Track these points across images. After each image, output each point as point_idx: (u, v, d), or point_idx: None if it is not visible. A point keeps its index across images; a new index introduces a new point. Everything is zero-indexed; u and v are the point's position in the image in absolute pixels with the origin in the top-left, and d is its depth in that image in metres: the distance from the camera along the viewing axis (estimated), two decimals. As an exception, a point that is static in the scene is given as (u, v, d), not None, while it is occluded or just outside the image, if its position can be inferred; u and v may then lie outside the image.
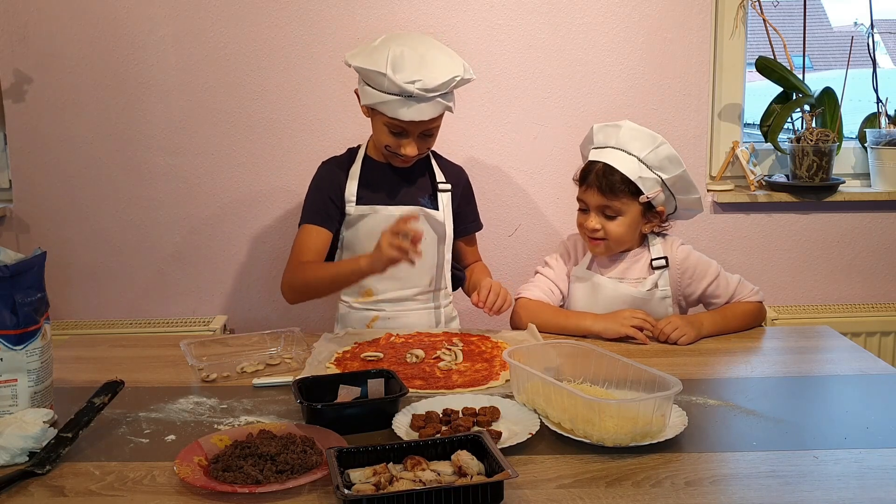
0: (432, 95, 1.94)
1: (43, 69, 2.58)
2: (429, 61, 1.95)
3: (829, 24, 3.27)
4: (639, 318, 1.90)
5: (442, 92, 1.95)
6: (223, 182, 2.66)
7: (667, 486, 1.22)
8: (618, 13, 2.61)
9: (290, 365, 1.75)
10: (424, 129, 2.01)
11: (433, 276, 2.13)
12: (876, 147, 2.73)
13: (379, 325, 2.10)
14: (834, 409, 1.56)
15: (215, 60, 2.60)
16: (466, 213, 2.23)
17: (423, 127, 2.00)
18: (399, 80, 1.90)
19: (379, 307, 2.11)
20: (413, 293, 2.12)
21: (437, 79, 1.93)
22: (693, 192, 1.99)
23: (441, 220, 2.11)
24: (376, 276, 1.97)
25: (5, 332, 1.39)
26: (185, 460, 1.27)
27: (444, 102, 1.98)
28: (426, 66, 1.93)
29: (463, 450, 1.23)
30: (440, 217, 2.11)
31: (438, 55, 1.99)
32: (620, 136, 1.96)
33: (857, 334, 2.66)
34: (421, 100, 1.93)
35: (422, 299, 2.13)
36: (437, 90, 1.93)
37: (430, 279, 2.13)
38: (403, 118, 1.95)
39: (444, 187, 2.15)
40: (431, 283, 2.14)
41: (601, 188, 1.95)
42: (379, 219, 2.08)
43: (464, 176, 2.24)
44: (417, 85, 1.91)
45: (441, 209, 2.12)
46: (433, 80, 1.92)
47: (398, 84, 1.91)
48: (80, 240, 2.68)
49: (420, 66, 1.93)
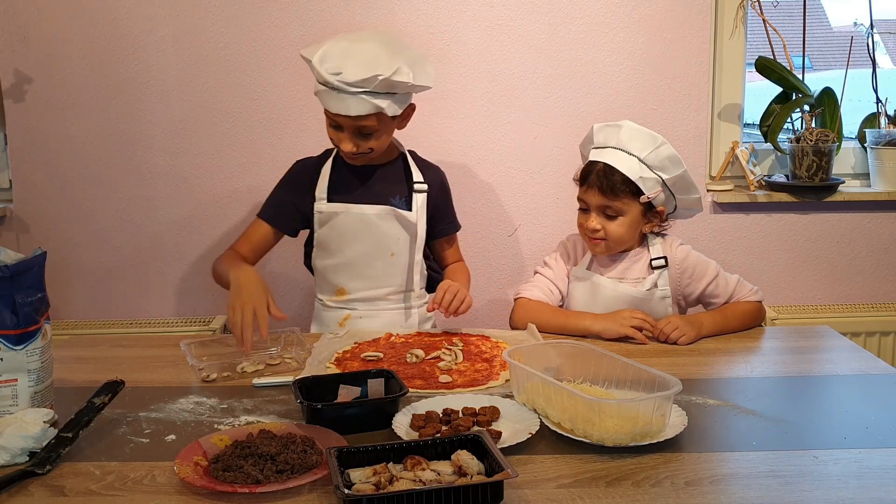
0: (355, 90, 1.90)
1: (43, 69, 2.59)
2: (357, 55, 1.92)
3: (829, 24, 3.27)
4: (638, 318, 1.90)
5: (365, 89, 1.90)
6: (223, 182, 2.66)
7: (667, 486, 1.22)
8: (618, 13, 2.61)
9: (290, 365, 1.76)
10: (359, 127, 1.97)
11: (406, 277, 2.13)
12: (876, 147, 2.73)
13: (350, 323, 2.10)
14: (834, 409, 1.56)
15: (215, 60, 2.60)
16: (443, 214, 2.21)
17: (355, 123, 1.96)
18: (322, 71, 1.91)
19: (351, 306, 2.12)
20: (385, 293, 2.12)
21: (357, 74, 1.89)
22: (693, 192, 1.99)
23: (413, 220, 2.10)
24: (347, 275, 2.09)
25: (5, 332, 1.39)
26: (186, 460, 1.27)
27: (373, 101, 1.91)
28: (351, 60, 1.90)
29: (463, 450, 1.23)
30: (412, 218, 2.10)
31: (376, 51, 1.93)
32: (621, 136, 1.96)
33: (857, 334, 2.66)
34: (344, 92, 1.91)
35: (394, 299, 2.13)
36: (357, 85, 1.89)
37: (403, 279, 2.13)
38: (331, 109, 1.95)
39: (421, 187, 2.13)
40: (404, 283, 2.14)
41: (602, 188, 1.95)
42: (350, 217, 2.08)
43: (440, 176, 2.21)
44: (338, 77, 1.89)
45: (414, 210, 2.11)
46: (353, 74, 1.89)
47: (321, 74, 1.91)
48: (80, 240, 2.68)
49: (345, 59, 1.91)
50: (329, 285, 2.14)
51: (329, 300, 2.15)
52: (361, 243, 2.09)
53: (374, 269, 2.10)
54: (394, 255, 2.10)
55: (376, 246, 2.09)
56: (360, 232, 2.08)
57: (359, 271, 2.10)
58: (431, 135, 2.65)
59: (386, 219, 2.08)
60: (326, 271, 2.13)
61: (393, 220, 2.09)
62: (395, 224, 2.09)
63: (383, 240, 2.09)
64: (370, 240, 2.08)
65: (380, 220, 2.08)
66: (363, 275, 2.10)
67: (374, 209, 2.08)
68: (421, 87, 1.97)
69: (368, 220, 2.07)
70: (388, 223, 2.09)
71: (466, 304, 1.96)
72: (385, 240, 2.09)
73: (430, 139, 2.65)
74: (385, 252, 2.09)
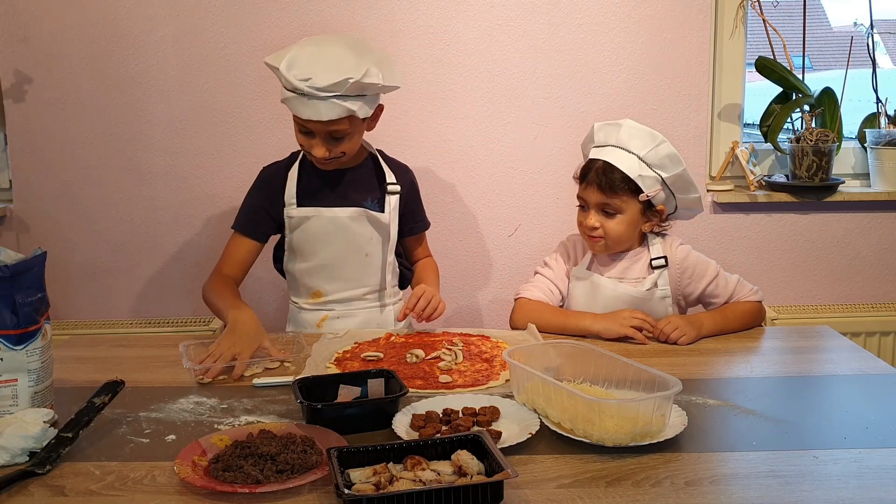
0: (325, 95, 1.89)
1: (43, 69, 2.58)
2: (324, 60, 1.90)
3: (829, 24, 3.27)
4: (638, 318, 1.90)
5: (336, 93, 1.88)
6: (223, 182, 2.66)
7: (666, 486, 1.22)
8: (618, 13, 2.61)
9: (289, 369, 1.75)
10: (330, 131, 1.96)
11: (381, 276, 2.13)
12: (876, 147, 2.73)
13: (328, 324, 2.10)
14: (834, 409, 1.56)
15: (215, 60, 2.60)
16: (414, 213, 2.21)
17: (327, 128, 1.95)
18: (291, 77, 1.89)
19: (328, 307, 2.12)
20: (361, 293, 2.12)
21: (327, 79, 1.87)
22: (693, 192, 1.99)
23: (386, 221, 2.10)
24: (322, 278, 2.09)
25: (5, 332, 1.39)
26: (186, 460, 1.27)
27: (344, 105, 1.90)
28: (319, 65, 1.89)
29: (463, 450, 1.23)
30: (385, 219, 2.10)
31: (343, 55, 1.92)
32: (621, 134, 1.96)
33: (857, 334, 2.66)
34: (314, 98, 1.90)
35: (370, 298, 2.14)
36: (328, 90, 1.88)
37: (378, 279, 2.13)
38: (301, 116, 1.93)
39: (394, 189, 2.13)
40: (379, 283, 2.14)
41: (601, 186, 1.95)
42: (323, 221, 2.07)
43: (409, 176, 2.21)
44: (308, 83, 1.88)
45: (387, 211, 2.11)
46: (323, 79, 1.87)
47: (290, 81, 1.90)
48: (80, 240, 2.68)
49: (313, 65, 1.89)
50: (304, 288, 2.13)
51: (305, 303, 2.14)
52: (335, 246, 2.08)
53: (349, 271, 2.09)
54: (368, 256, 2.10)
55: (350, 247, 2.09)
56: (333, 235, 2.08)
57: (334, 273, 2.10)
58: (431, 135, 2.65)
59: (359, 220, 2.08)
60: (300, 275, 2.13)
61: (365, 221, 2.09)
62: (367, 225, 2.09)
63: (357, 241, 2.09)
64: (343, 242, 2.08)
65: (352, 221, 2.07)
66: (338, 276, 2.09)
67: (346, 211, 2.07)
68: (390, 87, 1.97)
69: (341, 222, 2.07)
70: (361, 225, 2.08)
71: (439, 310, 1.97)
72: (358, 241, 2.09)
73: (430, 139, 2.65)
74: (359, 253, 2.10)
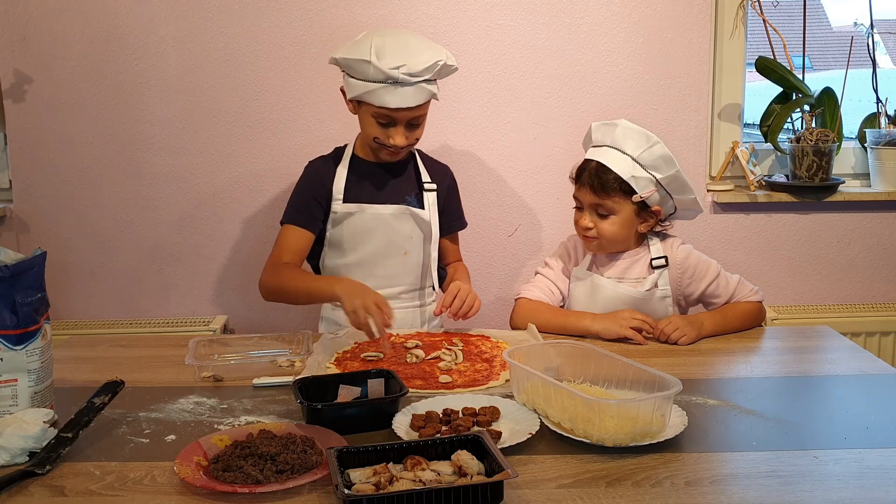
0: (416, 80, 1.96)
1: (43, 69, 2.58)
2: (411, 47, 1.98)
3: (829, 24, 3.27)
4: (638, 319, 1.90)
5: (426, 77, 1.97)
6: (223, 182, 2.66)
7: (667, 486, 1.22)
8: (618, 13, 2.61)
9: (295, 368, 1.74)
10: (411, 118, 2.02)
11: (418, 275, 2.14)
12: (876, 147, 2.73)
13: None
14: (834, 409, 1.56)
15: (215, 60, 2.60)
16: (450, 212, 2.23)
17: (410, 115, 2.01)
18: (384, 66, 1.93)
19: None
20: (398, 291, 2.13)
21: (420, 63, 1.95)
22: (688, 193, 1.99)
23: (427, 218, 2.12)
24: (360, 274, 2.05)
25: (5, 332, 1.39)
26: (185, 460, 1.27)
27: (429, 88, 2.00)
28: (409, 52, 1.96)
29: (463, 450, 1.23)
30: (426, 216, 2.12)
31: (419, 43, 2.03)
32: (616, 134, 1.96)
33: (857, 334, 2.66)
34: (406, 85, 1.95)
35: (407, 297, 2.14)
36: (421, 74, 1.96)
37: (415, 277, 2.14)
38: (390, 105, 1.97)
39: (430, 187, 2.16)
40: (417, 282, 2.15)
41: (594, 187, 1.96)
42: (366, 217, 2.09)
43: (449, 174, 2.24)
44: (402, 70, 1.93)
45: (427, 208, 2.13)
46: (417, 64, 1.95)
47: (383, 70, 1.93)
48: (80, 240, 2.68)
49: (403, 52, 1.96)
50: None
51: None
52: (375, 242, 2.10)
53: (386, 269, 2.10)
54: (406, 254, 2.11)
55: (389, 245, 2.10)
56: (374, 231, 2.09)
57: (371, 270, 2.10)
58: (431, 135, 2.65)
59: (401, 218, 2.10)
60: (338, 270, 2.13)
61: (408, 218, 2.11)
62: (409, 222, 2.11)
63: (396, 239, 2.10)
64: (384, 239, 2.10)
65: (395, 219, 2.10)
66: (376, 274, 2.09)
67: (389, 209, 2.09)
68: (455, 68, 2.08)
69: (383, 219, 2.09)
70: (403, 222, 2.10)
71: (476, 308, 1.97)
72: (398, 238, 2.10)
73: (430, 139, 2.64)
74: (398, 251, 2.11)
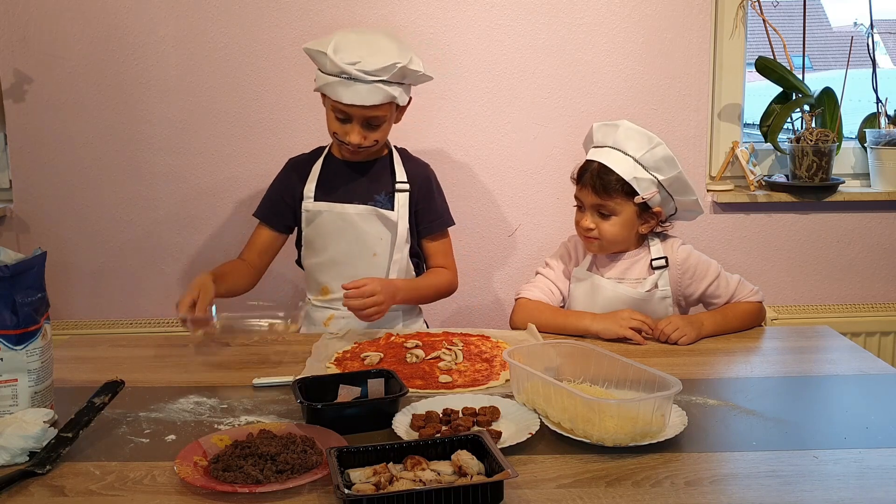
0: (371, 79, 1.94)
1: (43, 69, 2.58)
2: (371, 45, 1.97)
3: (829, 24, 3.27)
4: (637, 319, 1.90)
5: (382, 77, 1.94)
6: (223, 182, 2.66)
7: (667, 486, 1.22)
8: (618, 13, 2.61)
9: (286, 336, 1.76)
10: (368, 117, 2.00)
11: (386, 277, 2.11)
12: (875, 147, 2.73)
13: (334, 323, 2.10)
14: (834, 409, 1.56)
15: (215, 60, 2.60)
16: (428, 211, 2.18)
17: (366, 113, 1.99)
18: (339, 61, 1.92)
19: (334, 305, 2.11)
20: None
21: (377, 62, 1.93)
22: (690, 194, 1.99)
23: (394, 220, 2.10)
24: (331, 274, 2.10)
25: (5, 332, 1.39)
26: (185, 460, 1.27)
27: (387, 90, 1.96)
28: (367, 49, 1.95)
29: (463, 450, 1.23)
30: (393, 217, 2.10)
31: (386, 43, 1.99)
32: (618, 135, 1.96)
33: (857, 334, 2.66)
34: (360, 81, 1.94)
35: None
36: (375, 74, 1.93)
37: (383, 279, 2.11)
38: (343, 100, 1.96)
39: (402, 187, 2.13)
40: None
41: (595, 188, 1.95)
42: (334, 216, 2.09)
43: (425, 173, 2.20)
44: (357, 66, 1.93)
45: (396, 209, 2.11)
46: (373, 63, 1.93)
47: (338, 64, 1.93)
48: (79, 240, 2.68)
49: (362, 49, 1.95)
50: (315, 284, 2.15)
51: (315, 299, 2.16)
52: (343, 243, 2.10)
53: (356, 269, 2.09)
54: (376, 255, 2.10)
55: (358, 245, 2.10)
56: (342, 231, 2.09)
57: (341, 271, 2.10)
58: (431, 134, 2.65)
59: (367, 219, 2.09)
60: (313, 270, 2.15)
61: (375, 219, 2.09)
62: (376, 223, 2.09)
63: (365, 239, 2.09)
64: (352, 239, 2.09)
65: (361, 220, 2.08)
66: (345, 274, 2.08)
67: (355, 209, 2.09)
68: (427, 77, 2.04)
69: (350, 219, 2.08)
70: (370, 223, 2.09)
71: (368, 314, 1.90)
72: (367, 239, 2.09)
73: (431, 139, 2.65)
74: (367, 252, 2.10)
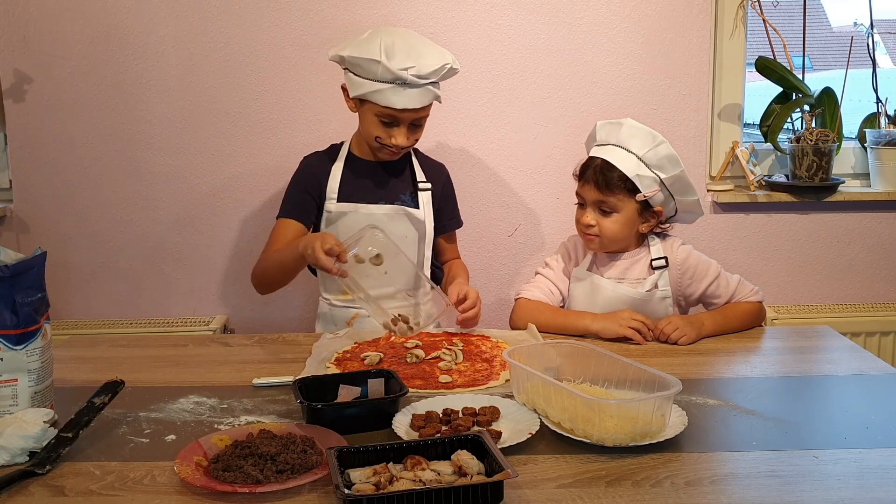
0: (424, 83, 1.99)
1: (43, 69, 2.58)
2: (419, 49, 2.01)
3: (829, 24, 3.27)
4: (637, 320, 1.90)
5: (433, 80, 2.00)
6: (223, 182, 2.66)
7: (666, 486, 1.22)
8: (618, 13, 2.61)
9: None
10: (414, 119, 2.04)
11: (413, 274, 2.13)
12: (876, 147, 2.73)
13: (359, 322, 2.10)
14: (834, 409, 1.56)
15: (215, 60, 2.60)
16: (446, 211, 2.24)
17: (414, 116, 2.03)
18: (393, 67, 1.94)
19: (358, 305, 2.11)
20: (392, 291, 2.11)
21: (429, 66, 1.98)
22: (691, 194, 1.99)
23: (421, 218, 2.13)
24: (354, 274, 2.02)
25: (5, 332, 1.39)
26: (185, 460, 1.27)
27: (434, 91, 2.03)
28: (418, 54, 1.99)
29: (463, 450, 1.23)
30: (420, 215, 2.12)
31: (426, 45, 2.06)
32: (621, 133, 1.96)
33: (857, 334, 2.66)
34: (413, 86, 1.98)
35: (401, 297, 2.13)
36: (428, 77, 1.99)
37: (410, 277, 2.12)
38: (396, 106, 1.98)
39: (424, 186, 2.17)
40: (411, 281, 2.13)
41: (598, 183, 1.96)
42: (360, 217, 2.09)
43: (444, 173, 2.25)
44: (411, 71, 1.96)
45: (421, 208, 2.14)
46: (426, 66, 1.98)
47: (392, 71, 1.94)
48: (80, 240, 2.68)
49: (412, 54, 1.98)
50: (335, 285, 2.14)
51: (336, 299, 2.15)
52: None
53: (382, 268, 2.09)
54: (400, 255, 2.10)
55: None
56: None
57: (365, 270, 2.09)
58: (431, 134, 2.65)
59: (395, 218, 2.10)
60: None
61: (403, 218, 2.11)
62: (404, 222, 2.11)
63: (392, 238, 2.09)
64: None
65: (389, 219, 2.10)
66: (370, 273, 2.09)
67: (383, 209, 2.10)
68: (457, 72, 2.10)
69: (378, 219, 2.08)
70: (397, 222, 2.11)
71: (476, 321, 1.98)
72: (393, 238, 2.09)
73: (431, 139, 2.64)
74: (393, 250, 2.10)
